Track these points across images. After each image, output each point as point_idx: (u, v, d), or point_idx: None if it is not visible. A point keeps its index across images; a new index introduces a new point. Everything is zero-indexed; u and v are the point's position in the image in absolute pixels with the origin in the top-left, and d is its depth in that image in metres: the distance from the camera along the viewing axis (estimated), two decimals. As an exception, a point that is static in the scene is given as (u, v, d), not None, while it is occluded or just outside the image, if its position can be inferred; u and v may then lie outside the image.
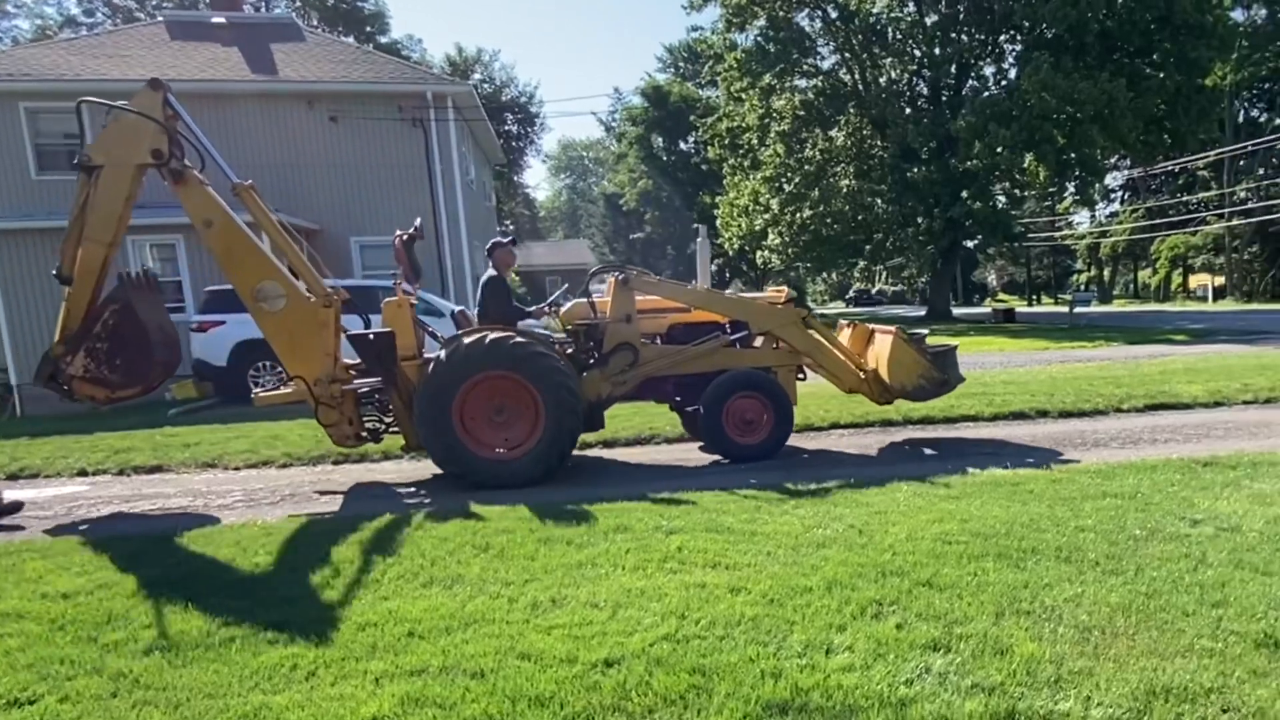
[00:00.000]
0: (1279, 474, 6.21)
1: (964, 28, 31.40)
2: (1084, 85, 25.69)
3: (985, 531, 4.95)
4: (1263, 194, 52.73)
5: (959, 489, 6.06)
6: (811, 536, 5.01)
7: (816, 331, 8.27)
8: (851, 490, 6.17)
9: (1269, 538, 4.69)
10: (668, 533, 5.22)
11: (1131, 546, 4.64)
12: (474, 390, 7.06)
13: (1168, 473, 6.38)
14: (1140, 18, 28.28)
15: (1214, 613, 3.68)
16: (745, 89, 33.63)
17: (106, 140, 6.76)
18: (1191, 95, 29.80)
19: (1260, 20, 53.63)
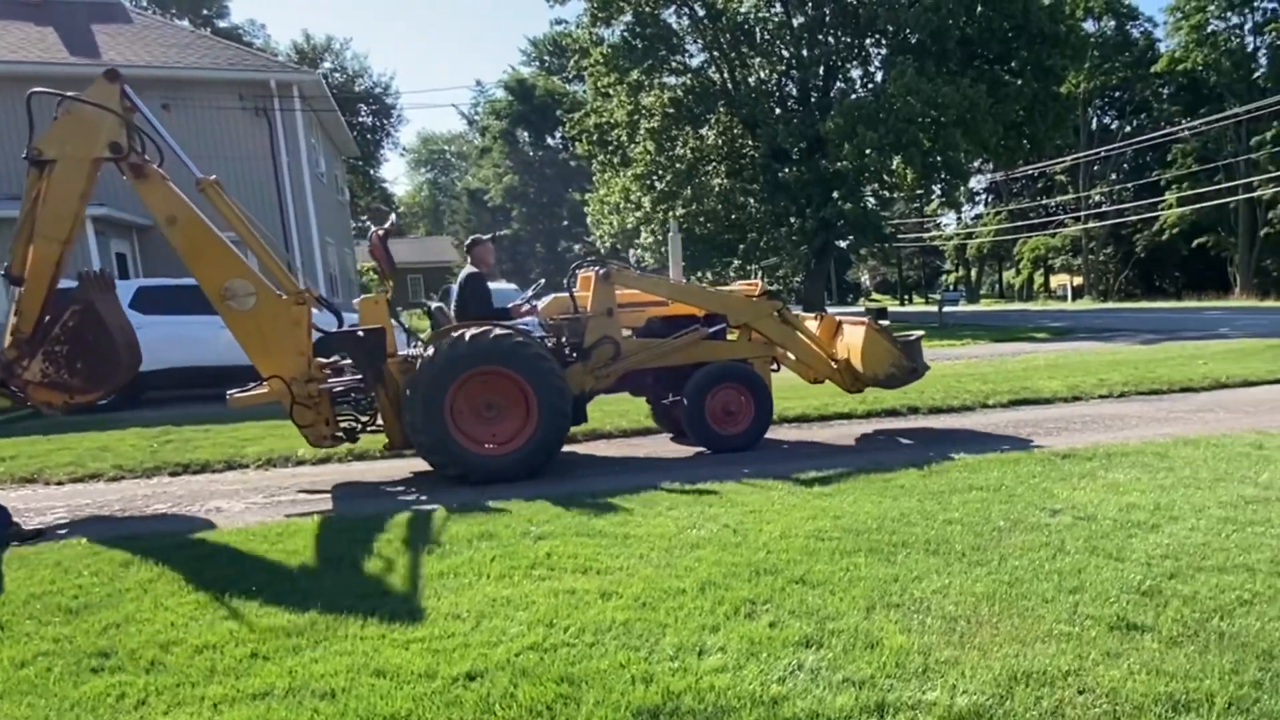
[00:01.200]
0: (1131, 464, 6.72)
1: (831, 30, 32.66)
2: (947, 90, 27.21)
3: (857, 527, 5.13)
4: (1115, 198, 57.39)
5: (832, 485, 6.27)
6: (685, 538, 5.06)
7: (790, 323, 8.71)
8: (728, 490, 6.29)
9: (1121, 525, 5.05)
10: (536, 538, 5.16)
11: (996, 537, 4.90)
12: (465, 386, 7.17)
13: (1030, 465, 6.79)
14: (999, 26, 30.35)
15: (1071, 599, 3.93)
16: (613, 85, 33.88)
17: (59, 133, 6.53)
18: (1048, 102, 32.23)
19: (1110, 32, 58.54)
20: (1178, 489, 5.87)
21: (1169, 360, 14.22)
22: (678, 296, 8.56)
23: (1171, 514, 5.24)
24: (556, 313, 8.27)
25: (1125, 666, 3.24)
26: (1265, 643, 3.37)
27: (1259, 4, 51.21)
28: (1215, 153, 51.06)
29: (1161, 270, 59.82)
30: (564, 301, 8.27)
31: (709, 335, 8.34)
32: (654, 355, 8.19)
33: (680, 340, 8.24)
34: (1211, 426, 8.54)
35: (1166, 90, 57.84)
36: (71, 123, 6.56)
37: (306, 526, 5.71)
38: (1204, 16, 52.31)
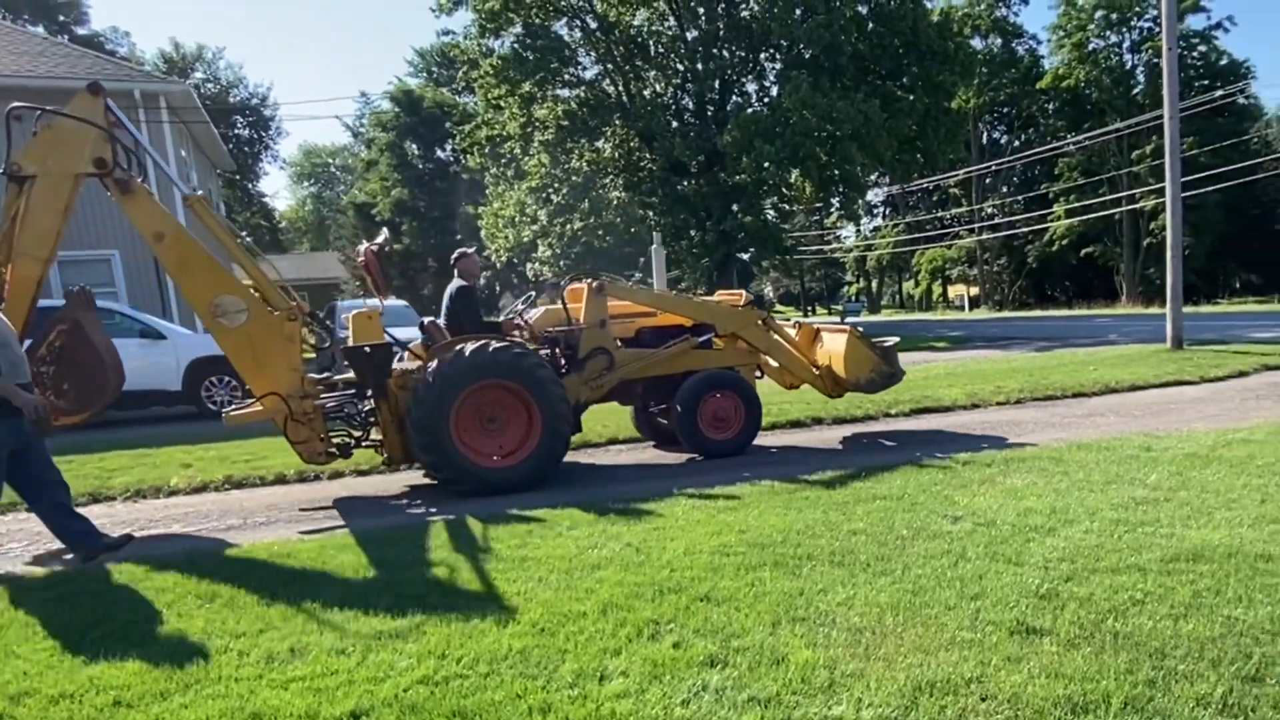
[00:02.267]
0: (1028, 469, 6.96)
1: (725, 44, 33.25)
2: (841, 105, 28.05)
3: (763, 541, 5.15)
4: (1007, 210, 60.24)
5: (738, 499, 6.30)
6: (586, 558, 4.98)
7: (775, 331, 9.19)
8: (631, 507, 6.24)
9: (1020, 530, 5.21)
10: (430, 565, 5.01)
11: (899, 546, 5.00)
12: (468, 399, 7.32)
13: (932, 472, 6.98)
14: (889, 42, 31.55)
15: (973, 605, 4.02)
16: (504, 96, 33.75)
17: (41, 148, 6.46)
18: (939, 117, 33.64)
19: (997, 49, 61.71)
20: (1072, 492, 6.10)
21: (1062, 367, 14.89)
22: (668, 307, 8.95)
23: (1067, 517, 5.44)
24: (550, 325, 8.53)
25: (1026, 671, 3.32)
26: (1157, 641, 3.51)
27: (1135, 24, 54.80)
28: (1099, 166, 54.10)
29: (1053, 280, 62.91)
30: (557, 314, 8.57)
31: (698, 345, 8.70)
32: (646, 365, 8.53)
33: (671, 350, 8.58)
34: (1103, 430, 8.95)
35: (1052, 106, 61.07)
36: (53, 137, 6.50)
37: (179, 562, 5.40)
38: (1084, 35, 55.65)
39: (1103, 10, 55.17)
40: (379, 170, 58.72)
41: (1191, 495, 5.81)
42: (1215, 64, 55.04)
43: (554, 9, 33.20)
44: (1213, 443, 7.63)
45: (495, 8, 32.14)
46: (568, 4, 33.39)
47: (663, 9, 33.73)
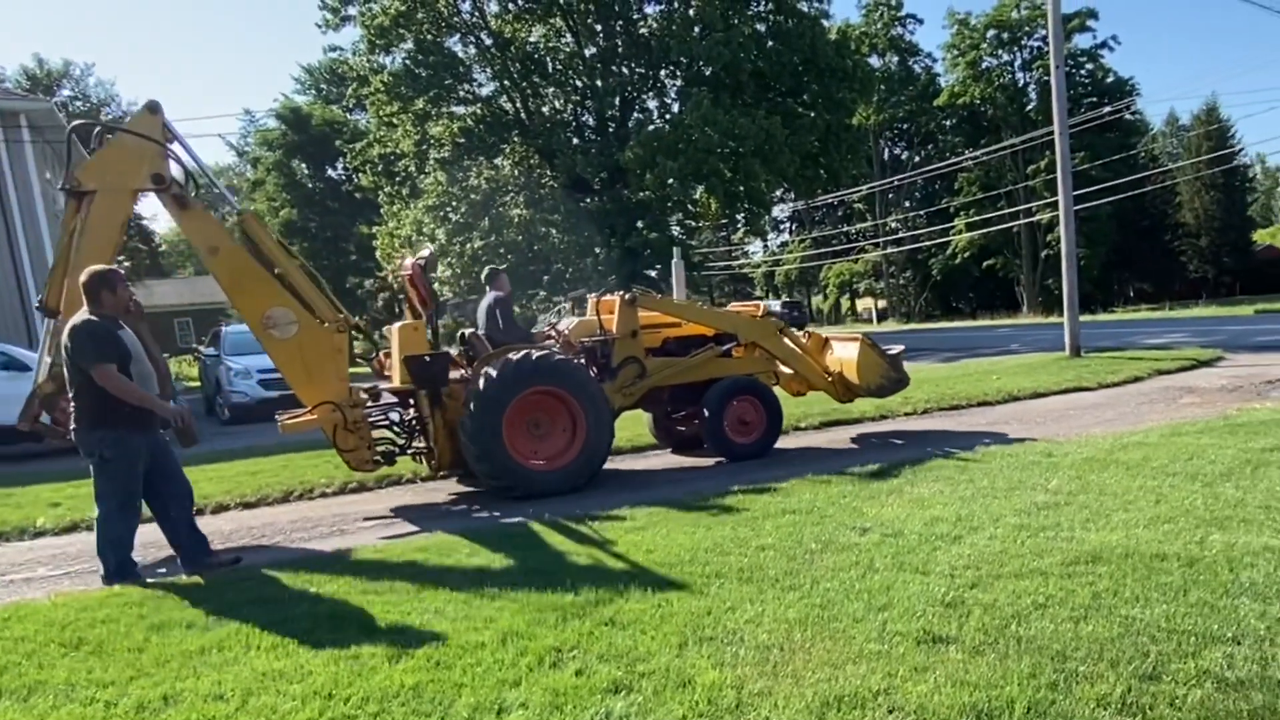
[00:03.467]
0: (935, 478, 7.13)
1: (624, 61, 33.61)
2: (743, 121, 28.62)
3: (670, 560, 5.12)
4: (910, 225, 62.32)
5: (643, 519, 6.26)
6: (487, 586, 4.86)
7: (790, 340, 9.86)
8: (533, 532, 6.14)
9: (927, 539, 5.31)
10: (316, 599, 4.81)
11: (808, 560, 5.02)
12: (517, 405, 7.71)
13: (841, 485, 7.08)
14: (789, 60, 32.38)
15: (880, 616, 4.05)
16: (397, 114, 33.38)
17: (101, 164, 6.69)
18: (841, 133, 34.72)
19: (895, 67, 64.14)
20: (977, 500, 6.26)
21: (967, 377, 15.37)
22: (694, 318, 9.58)
23: (972, 524, 5.56)
24: (584, 335, 9.00)
25: (932, 680, 3.35)
26: (1059, 644, 3.59)
27: (1026, 43, 57.61)
28: (997, 181, 56.43)
29: (956, 292, 65.25)
30: (590, 324, 9.07)
31: (722, 353, 9.32)
32: (674, 373, 9.06)
33: (698, 358, 9.14)
34: (1000, 438, 9.24)
35: (950, 122, 63.66)
36: (113, 154, 6.76)
37: (44, 608, 5.06)
38: (977, 54, 58.27)
39: (994, 30, 57.92)
40: (266, 190, 57.34)
41: (1090, 499, 6.02)
42: (1102, 81, 58.21)
43: (446, 25, 33.06)
44: (1110, 446, 7.94)
45: (385, 24, 31.80)
46: (461, 21, 33.31)
47: (559, 25, 33.93)
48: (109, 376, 5.32)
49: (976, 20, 58.65)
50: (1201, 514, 5.39)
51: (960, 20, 59.20)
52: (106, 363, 5.33)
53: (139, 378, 5.51)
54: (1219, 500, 5.70)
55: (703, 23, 30.98)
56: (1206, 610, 3.83)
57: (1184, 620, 3.73)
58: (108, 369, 5.32)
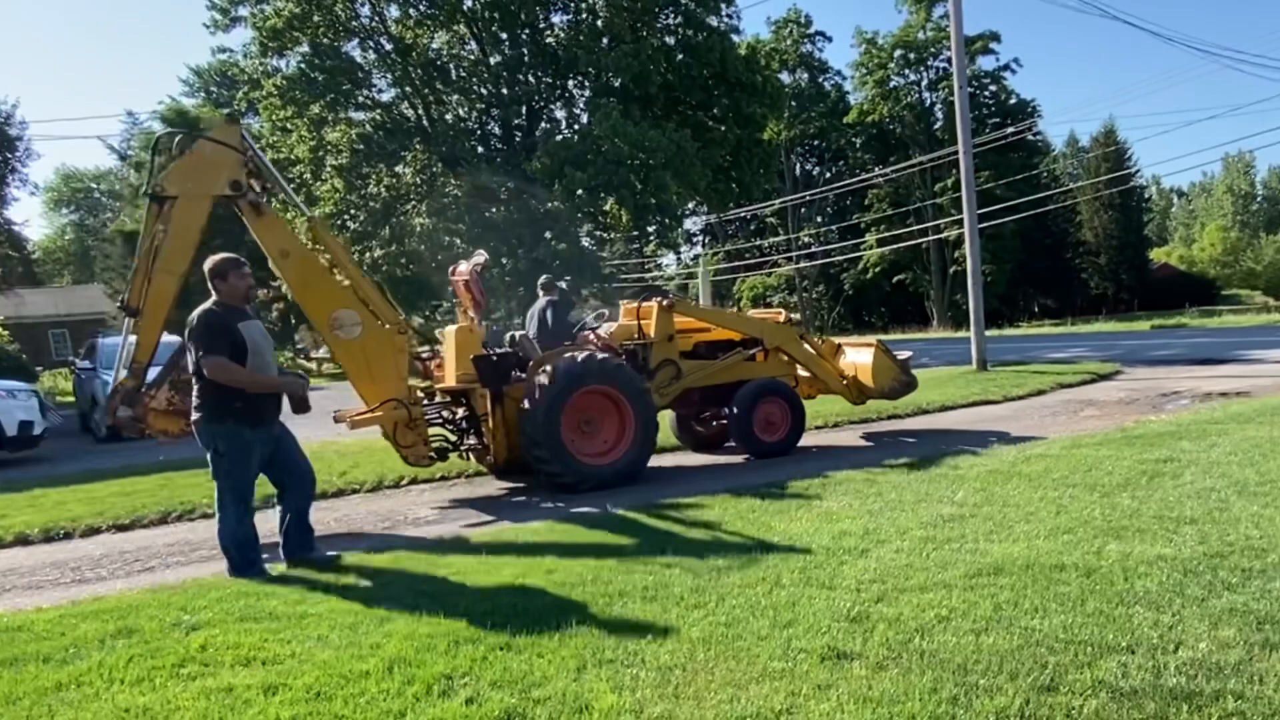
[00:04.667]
0: (844, 491, 7.21)
1: (531, 70, 33.54)
2: (653, 134, 28.82)
3: (572, 580, 5.02)
4: (822, 240, 63.70)
5: (544, 537, 6.16)
6: (375, 611, 4.68)
7: (810, 345, 10.67)
8: (429, 552, 5.98)
9: (834, 553, 5.33)
10: (189, 629, 4.56)
11: (715, 577, 4.99)
12: (574, 403, 8.29)
13: (750, 499, 7.09)
14: (699, 74, 32.87)
15: (785, 633, 4.03)
16: (291, 119, 32.60)
17: (183, 171, 7.26)
18: (752, 148, 35.39)
19: (805, 83, 65.71)
20: (885, 513, 6.34)
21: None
22: (724, 323, 10.39)
23: (879, 538, 5.62)
24: (623, 338, 9.53)
25: (835, 698, 3.33)
26: (960, 657, 3.62)
27: (931, 63, 59.67)
28: (906, 198, 58.19)
29: (869, 306, 66.87)
30: (629, 328, 9.65)
31: (749, 356, 10.01)
32: (706, 375, 9.74)
33: (728, 361, 9.86)
34: (914, 450, 9.44)
35: (859, 140, 65.42)
36: (195, 161, 7.31)
37: None
38: (885, 73, 60.17)
39: (901, 50, 59.87)
40: (149, 196, 55.31)
41: (994, 510, 6.16)
42: (1005, 103, 60.64)
43: (344, 29, 32.49)
44: (1014, 459, 8.16)
45: (278, 26, 31.04)
46: (359, 25, 32.79)
47: (463, 33, 33.67)
48: (217, 368, 5.41)
49: (884, 40, 60.55)
50: (1099, 524, 5.55)
51: (868, 39, 61.03)
52: (214, 355, 5.41)
53: (259, 371, 5.57)
54: (1116, 511, 5.88)
55: (611, 34, 31.21)
56: (1103, 620, 3.92)
57: (1081, 630, 3.81)
58: (215, 361, 5.41)
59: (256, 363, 5.57)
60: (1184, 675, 3.34)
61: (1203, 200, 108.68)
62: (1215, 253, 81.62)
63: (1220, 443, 8.11)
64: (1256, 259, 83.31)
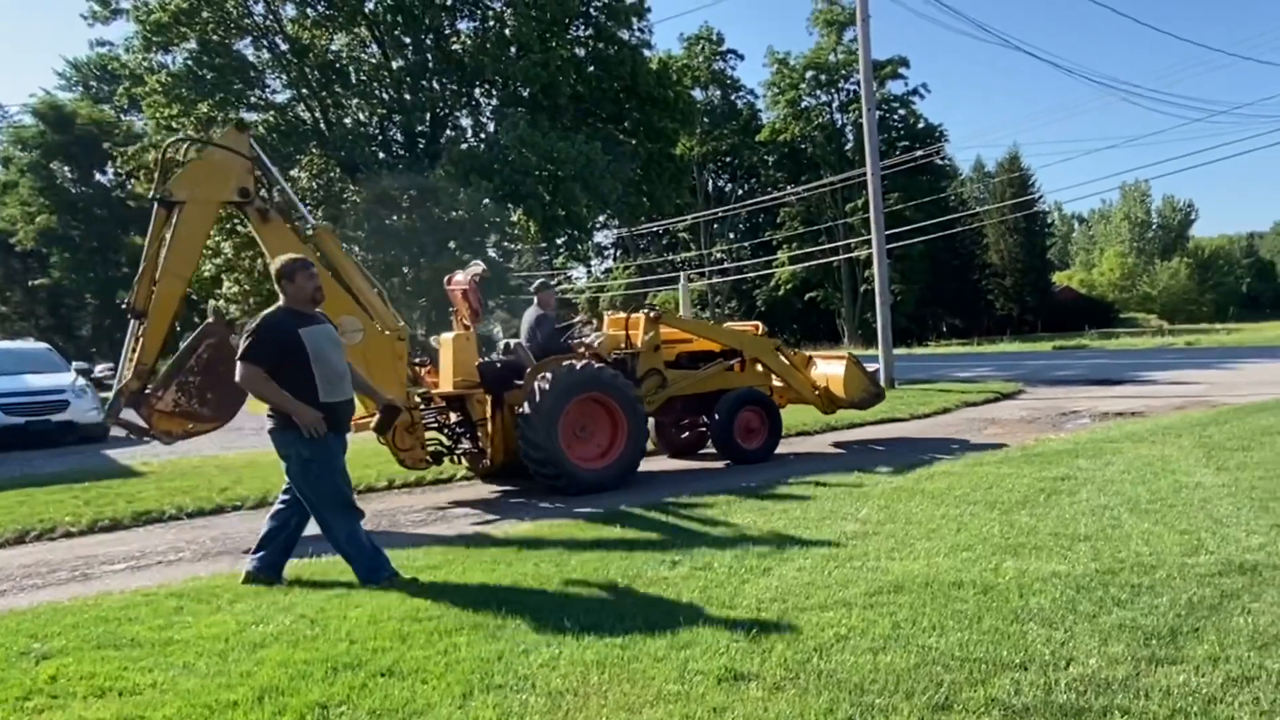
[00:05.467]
0: (750, 508, 7.29)
1: (436, 76, 33.20)
2: (562, 145, 28.77)
3: (464, 601, 4.88)
4: (735, 256, 64.59)
5: (439, 558, 6.02)
6: (248, 636, 4.47)
7: (786, 356, 11.21)
8: (311, 575, 5.77)
9: (736, 571, 5.32)
10: (39, 658, 4.28)
11: (613, 597, 4.93)
12: (570, 409, 8.75)
13: (652, 517, 7.11)
14: (609, 86, 33.19)
15: (682, 655, 3.98)
16: (177, 117, 31.55)
17: (192, 176, 7.58)
18: (664, 162, 35.85)
19: (717, 100, 66.77)
20: (789, 530, 6.39)
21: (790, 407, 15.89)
22: (705, 335, 10.95)
23: (782, 555, 5.65)
24: (612, 348, 9.87)
25: (729, 720, 3.31)
26: (857, 676, 3.63)
27: (842, 86, 61.27)
28: (818, 216, 59.50)
29: (781, 322, 67.83)
30: (617, 338, 10.06)
31: (729, 367, 10.61)
32: (690, 384, 10.29)
33: (710, 371, 10.47)
34: (819, 467, 9.57)
35: (772, 158, 66.73)
36: (204, 168, 7.63)
37: None
38: (797, 94, 61.58)
39: (812, 71, 61.38)
40: (18, 194, 52.96)
41: (897, 528, 6.26)
42: (914, 127, 62.67)
43: (235, 27, 31.63)
44: (917, 476, 8.35)
45: (163, 20, 29.98)
46: (252, 23, 31.96)
47: (364, 35, 33.16)
48: (245, 376, 5.31)
49: (795, 61, 61.99)
50: (998, 541, 5.69)
51: (780, 60, 62.38)
52: (247, 362, 5.29)
53: (324, 379, 5.37)
54: (1014, 528, 6.04)
55: (519, 43, 31.16)
56: (998, 637, 3.99)
57: (977, 648, 3.86)
58: (246, 368, 5.29)
59: (321, 370, 5.37)
60: (1074, 692, 3.41)
61: (1102, 226, 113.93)
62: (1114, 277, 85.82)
63: (1115, 461, 8.44)
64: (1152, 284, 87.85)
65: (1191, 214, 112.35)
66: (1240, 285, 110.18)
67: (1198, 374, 19.84)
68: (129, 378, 7.43)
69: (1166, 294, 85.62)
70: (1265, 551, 5.17)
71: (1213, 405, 13.14)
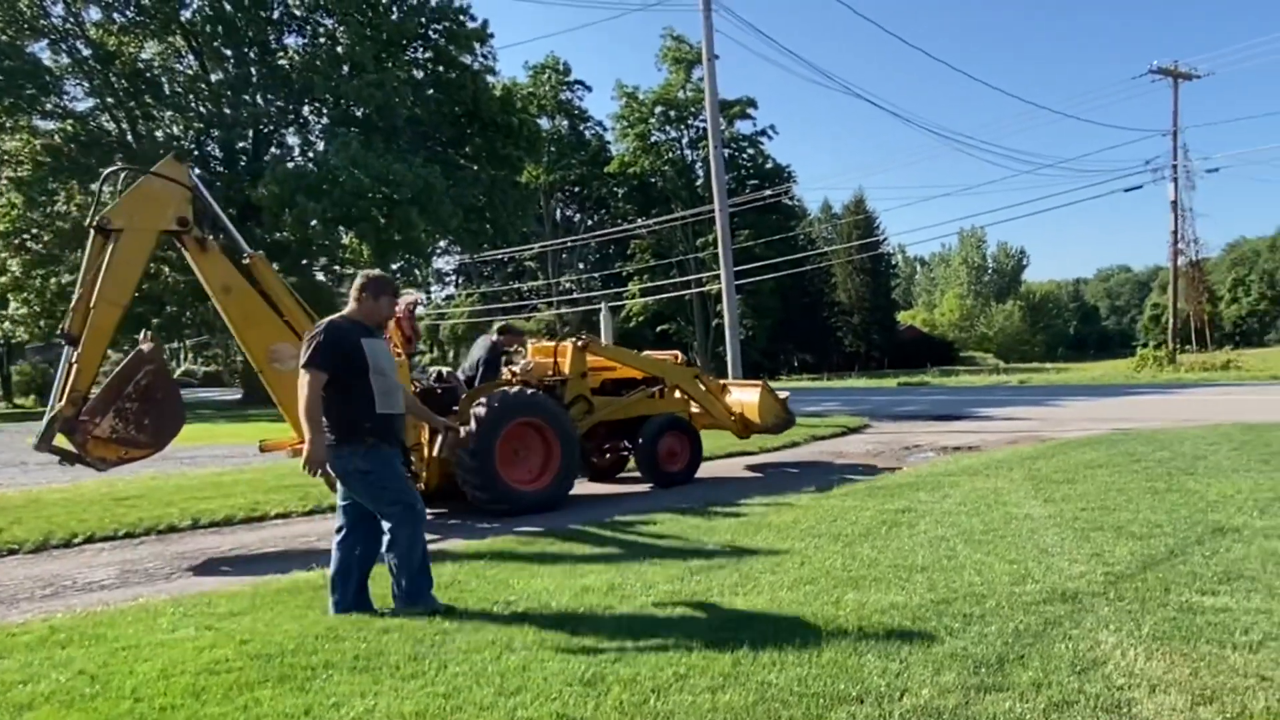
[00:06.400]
0: (591, 544, 7.23)
1: (260, 91, 32.29)
2: (398, 167, 28.37)
3: (269, 651, 4.55)
4: (584, 286, 64.91)
5: (246, 603, 5.62)
6: (15, 696, 4.01)
7: (704, 384, 12.03)
8: (99, 623, 5.28)
9: (573, 611, 5.18)
10: None
11: (438, 642, 4.68)
12: (506, 433, 9.26)
13: (486, 557, 6.86)
14: (450, 110, 33.14)
15: (511, 702, 3.80)
16: None
17: (131, 205, 7.87)
18: (508, 189, 35.80)
19: (565, 130, 67.40)
20: (631, 565, 6.31)
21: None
22: (629, 363, 11.40)
23: (624, 593, 5.55)
24: (541, 375, 10.33)
25: (556, 769, 3.15)
26: (695, 717, 3.54)
27: (692, 122, 62.79)
28: (669, 250, 60.62)
29: (632, 355, 68.83)
30: (546, 366, 10.51)
31: (651, 394, 11.20)
32: (614, 410, 10.86)
33: (634, 398, 11.06)
34: (665, 501, 9.56)
35: (622, 190, 67.70)
36: (143, 196, 7.85)
37: None
38: (646, 127, 62.76)
39: (661, 106, 62.69)
40: None
41: (742, 562, 6.26)
42: (763, 166, 64.94)
43: (29, 28, 29.86)
44: (764, 509, 8.44)
45: None
46: (50, 25, 30.30)
47: (179, 45, 31.94)
48: (304, 384, 5.21)
49: (645, 95, 63.08)
50: (840, 574, 5.76)
51: (629, 93, 63.36)
52: (311, 368, 5.20)
53: (381, 391, 5.35)
54: (856, 560, 6.14)
55: (352, 62, 30.62)
56: (836, 670, 3.99)
57: (815, 682, 3.85)
58: (311, 376, 5.19)
59: (378, 382, 5.34)
60: (909, 723, 3.43)
61: (942, 269, 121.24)
62: (953, 318, 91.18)
63: (952, 494, 8.76)
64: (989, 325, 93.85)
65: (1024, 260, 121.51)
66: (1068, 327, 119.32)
67: (1029, 410, 21.02)
68: (63, 404, 7.51)
69: (1002, 334, 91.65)
70: (1085, 580, 5.42)
71: (1042, 440, 13.89)
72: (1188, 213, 43.65)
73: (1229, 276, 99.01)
